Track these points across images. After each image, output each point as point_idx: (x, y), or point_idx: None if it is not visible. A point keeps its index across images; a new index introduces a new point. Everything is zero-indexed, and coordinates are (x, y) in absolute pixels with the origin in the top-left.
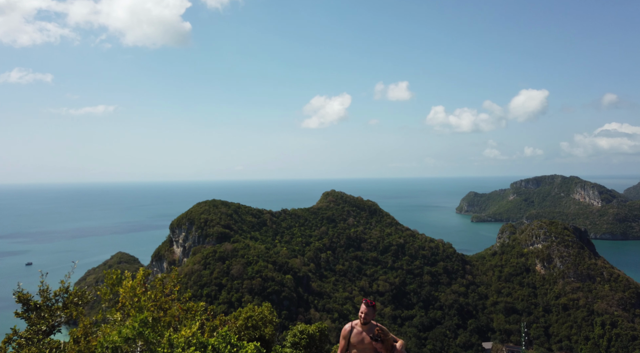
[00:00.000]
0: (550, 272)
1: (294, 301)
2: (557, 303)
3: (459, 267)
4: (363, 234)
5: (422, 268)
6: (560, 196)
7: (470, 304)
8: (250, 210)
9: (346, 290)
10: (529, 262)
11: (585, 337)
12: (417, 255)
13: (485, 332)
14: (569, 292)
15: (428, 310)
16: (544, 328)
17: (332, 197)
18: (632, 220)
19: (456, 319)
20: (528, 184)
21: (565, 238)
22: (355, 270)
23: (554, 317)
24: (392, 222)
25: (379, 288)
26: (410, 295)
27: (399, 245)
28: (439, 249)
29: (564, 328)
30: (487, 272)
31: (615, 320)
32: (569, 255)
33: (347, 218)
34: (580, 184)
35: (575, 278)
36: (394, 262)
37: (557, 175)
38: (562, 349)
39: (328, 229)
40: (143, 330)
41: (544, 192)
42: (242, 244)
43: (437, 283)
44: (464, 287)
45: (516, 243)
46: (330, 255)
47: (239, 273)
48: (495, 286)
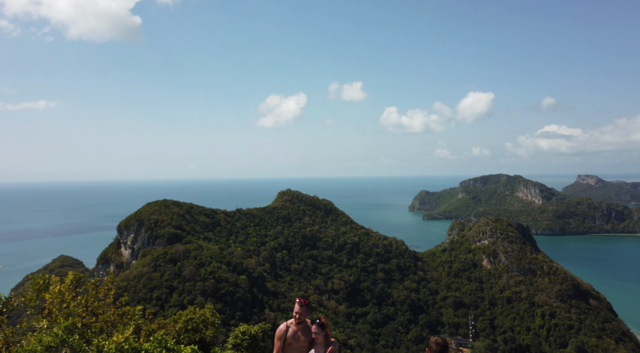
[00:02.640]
0: (496, 267)
1: (249, 302)
2: (501, 296)
3: (411, 263)
4: (319, 233)
5: (376, 266)
6: (505, 194)
7: (422, 299)
8: (203, 210)
9: (301, 289)
10: (477, 257)
11: (527, 328)
12: (371, 253)
13: (435, 326)
14: (513, 285)
15: (381, 306)
16: (489, 320)
17: (288, 196)
18: (569, 216)
19: (408, 314)
20: (476, 183)
21: (509, 235)
22: (311, 269)
23: (498, 309)
24: (347, 221)
25: (334, 287)
26: (364, 293)
27: (353, 244)
28: (392, 247)
29: (508, 320)
30: (437, 268)
31: (553, 311)
32: (512, 250)
33: (302, 218)
34: (523, 183)
35: (518, 272)
36: (348, 260)
37: (503, 175)
38: (507, 341)
39: (284, 229)
40: (68, 337)
41: (490, 190)
42: (194, 245)
43: (390, 280)
44: (416, 283)
45: (465, 239)
46: (285, 254)
47: (192, 274)
48: (445, 281)
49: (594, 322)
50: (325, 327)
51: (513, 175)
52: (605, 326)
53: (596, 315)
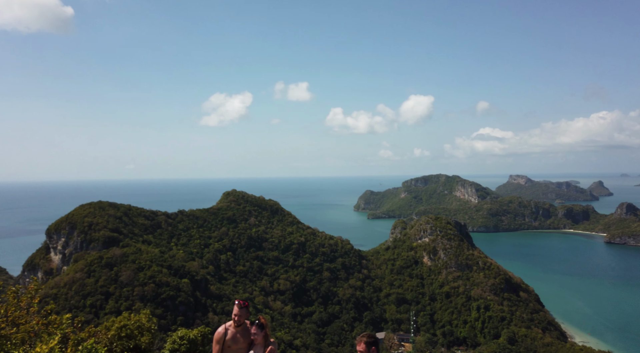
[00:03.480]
0: (436, 263)
1: (191, 306)
2: (441, 291)
3: (356, 262)
4: (265, 234)
5: (322, 265)
6: (444, 193)
7: (366, 297)
8: (143, 212)
9: (247, 291)
10: (418, 254)
11: (464, 321)
12: (317, 252)
13: (379, 323)
14: (451, 280)
15: (327, 305)
16: (430, 315)
17: (233, 197)
18: (502, 214)
19: (353, 312)
20: (417, 183)
21: (448, 232)
22: (257, 270)
23: (438, 304)
24: (293, 221)
25: (280, 287)
26: (310, 292)
27: (300, 244)
28: (338, 246)
29: (447, 314)
30: (381, 266)
31: (488, 304)
32: (451, 247)
33: (248, 218)
34: (460, 183)
35: (456, 268)
36: (295, 261)
37: (442, 175)
38: (445, 334)
39: (228, 230)
40: None
41: (430, 190)
42: (133, 249)
43: (335, 279)
44: (361, 281)
45: (407, 237)
46: (230, 256)
47: (129, 279)
48: (388, 279)
49: (523, 313)
50: (265, 328)
51: (451, 175)
52: (533, 316)
53: (525, 306)
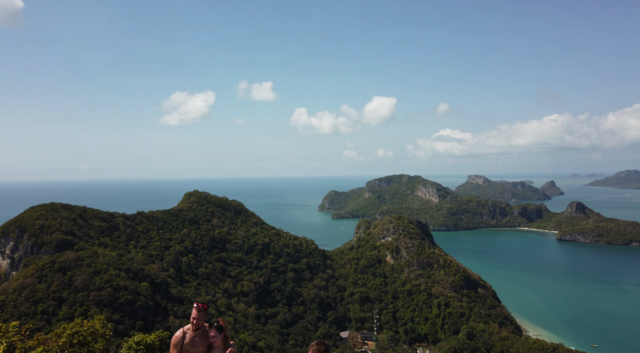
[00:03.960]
0: (398, 262)
1: (151, 310)
2: (403, 289)
3: (320, 262)
4: (228, 235)
5: (287, 266)
6: (407, 193)
7: (330, 297)
8: (99, 214)
9: (209, 293)
10: (381, 253)
11: (425, 318)
12: (281, 253)
13: (343, 322)
14: (413, 278)
15: (291, 306)
16: (392, 313)
17: (195, 198)
18: (461, 213)
19: (317, 312)
20: (381, 183)
21: (410, 231)
22: (219, 272)
23: (400, 302)
24: (257, 222)
25: (244, 289)
26: (274, 293)
27: (264, 244)
28: (302, 246)
29: (409, 312)
30: (345, 265)
31: (448, 301)
32: (413, 246)
33: (211, 220)
34: (422, 183)
35: (417, 266)
36: (259, 262)
37: (404, 175)
38: (407, 331)
39: (190, 231)
40: None
41: (393, 189)
42: (88, 252)
43: (300, 279)
44: (325, 281)
45: (370, 237)
46: (192, 258)
47: (85, 284)
48: (352, 278)
49: (481, 308)
50: (224, 330)
51: (413, 176)
52: (490, 312)
53: (483, 302)
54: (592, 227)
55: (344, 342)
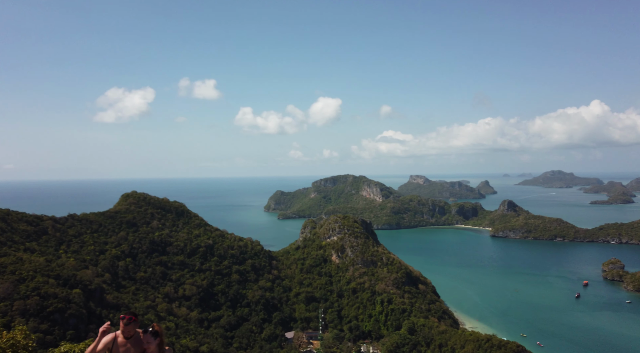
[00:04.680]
0: (343, 261)
1: (84, 318)
2: (348, 288)
3: (266, 263)
4: (169, 237)
5: (231, 268)
6: (352, 193)
7: (276, 298)
8: (24, 217)
9: (148, 298)
10: (327, 253)
11: (369, 315)
12: (226, 255)
13: (288, 323)
14: (357, 277)
15: (235, 308)
16: (337, 311)
17: (133, 199)
18: (403, 212)
19: (262, 314)
20: (326, 183)
21: (355, 230)
22: (160, 276)
23: (345, 300)
24: (200, 223)
25: (186, 293)
26: (218, 296)
27: (207, 246)
28: (247, 247)
29: (353, 310)
30: (291, 266)
31: (390, 298)
32: (357, 244)
33: (150, 222)
34: (366, 183)
35: (362, 264)
36: (202, 264)
37: (350, 175)
38: (352, 329)
39: (128, 234)
40: None
41: (339, 189)
42: (12, 258)
43: (245, 281)
44: (270, 282)
45: (316, 237)
46: (130, 262)
47: (8, 293)
48: (298, 278)
49: (422, 304)
50: (159, 335)
51: (358, 176)
52: (430, 307)
53: (424, 298)
54: (522, 224)
55: (289, 342)
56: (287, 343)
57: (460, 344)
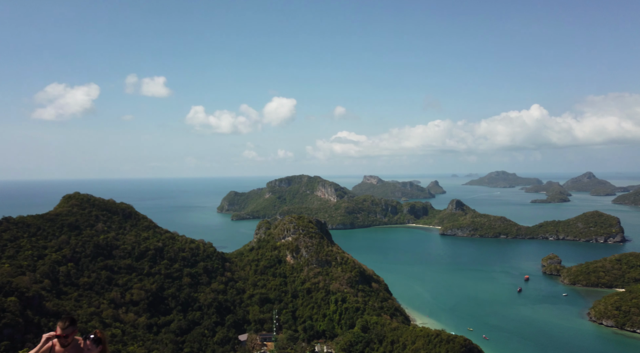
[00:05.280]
0: (298, 261)
1: (20, 327)
2: (302, 288)
3: (219, 265)
4: (115, 240)
5: (182, 271)
6: (307, 193)
7: (229, 300)
8: None
9: (92, 304)
10: (281, 253)
11: (324, 314)
12: (176, 257)
13: (242, 325)
14: (312, 277)
15: (187, 312)
16: (292, 312)
17: (76, 201)
18: (357, 212)
19: (215, 317)
20: (281, 183)
21: (309, 230)
22: (105, 281)
23: (300, 301)
24: (149, 225)
25: (133, 298)
26: (168, 300)
27: (157, 249)
28: (199, 249)
29: (307, 310)
30: (245, 267)
31: (344, 297)
32: (312, 245)
33: (95, 224)
34: (321, 183)
35: (317, 264)
36: (151, 268)
37: (304, 175)
38: (306, 329)
39: (70, 238)
40: None
41: (294, 190)
42: None
43: (197, 284)
44: (223, 284)
45: (271, 237)
46: (72, 267)
47: None
48: (252, 279)
49: (375, 302)
50: (102, 343)
51: (313, 176)
52: (383, 304)
53: (377, 296)
54: (469, 222)
55: (243, 345)
56: (240, 346)
57: (411, 340)
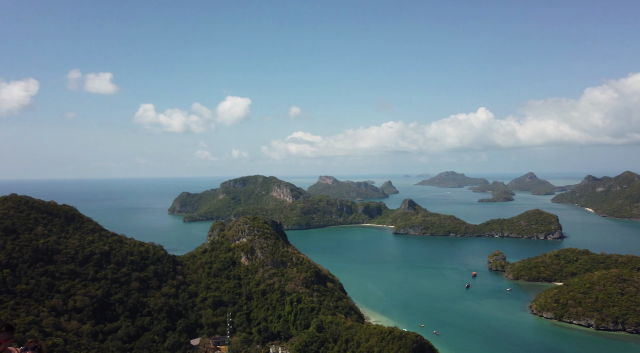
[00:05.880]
0: (253, 263)
1: None
2: (257, 289)
3: (170, 268)
4: (57, 245)
5: (130, 275)
6: (262, 194)
7: (180, 304)
8: None
9: (31, 313)
10: (236, 255)
11: (279, 316)
12: (124, 261)
13: (194, 329)
14: (267, 278)
15: (135, 318)
16: (246, 314)
17: (12, 203)
18: (313, 212)
19: (165, 322)
20: (236, 184)
21: (265, 231)
22: (45, 287)
23: (254, 302)
24: (95, 228)
25: (77, 304)
26: (115, 306)
27: (103, 253)
28: (149, 253)
29: (262, 311)
30: (197, 270)
31: (300, 297)
32: (267, 245)
33: (34, 228)
34: (277, 183)
35: (272, 265)
36: (96, 273)
37: (260, 176)
38: (261, 331)
39: (5, 242)
40: None
41: (249, 190)
42: None
43: (146, 288)
44: (175, 288)
45: (225, 239)
46: (8, 274)
47: None
48: (205, 282)
49: (330, 301)
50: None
51: (268, 176)
52: (338, 304)
53: (332, 295)
54: (420, 221)
55: (195, 349)
56: (192, 350)
57: (365, 338)
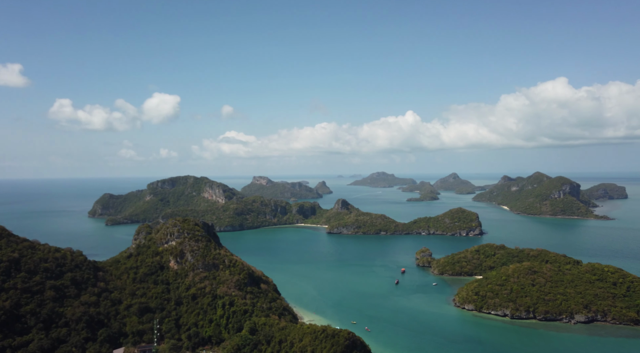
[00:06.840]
0: (183, 267)
1: None
2: (187, 294)
3: (90, 275)
4: None
5: (44, 284)
6: (192, 195)
7: (102, 313)
8: None
9: None
10: (164, 259)
11: (210, 320)
12: (37, 269)
13: (117, 338)
14: (198, 282)
15: (50, 330)
16: (175, 320)
17: None
18: (246, 213)
19: (84, 333)
20: (164, 184)
21: (195, 234)
22: None
23: (184, 308)
24: (2, 234)
25: None
26: (26, 318)
27: (11, 261)
28: (66, 259)
29: (193, 316)
30: (121, 276)
31: (232, 300)
32: (198, 248)
33: None
34: (209, 184)
35: (203, 268)
36: (3, 282)
37: (190, 176)
38: (190, 337)
39: None
40: None
41: (178, 191)
42: None
43: (63, 297)
44: (96, 296)
45: (152, 242)
46: None
47: None
48: (130, 288)
49: (263, 303)
50: None
51: (200, 177)
52: (271, 305)
53: (265, 296)
54: (353, 221)
55: None
56: None
57: (298, 338)
